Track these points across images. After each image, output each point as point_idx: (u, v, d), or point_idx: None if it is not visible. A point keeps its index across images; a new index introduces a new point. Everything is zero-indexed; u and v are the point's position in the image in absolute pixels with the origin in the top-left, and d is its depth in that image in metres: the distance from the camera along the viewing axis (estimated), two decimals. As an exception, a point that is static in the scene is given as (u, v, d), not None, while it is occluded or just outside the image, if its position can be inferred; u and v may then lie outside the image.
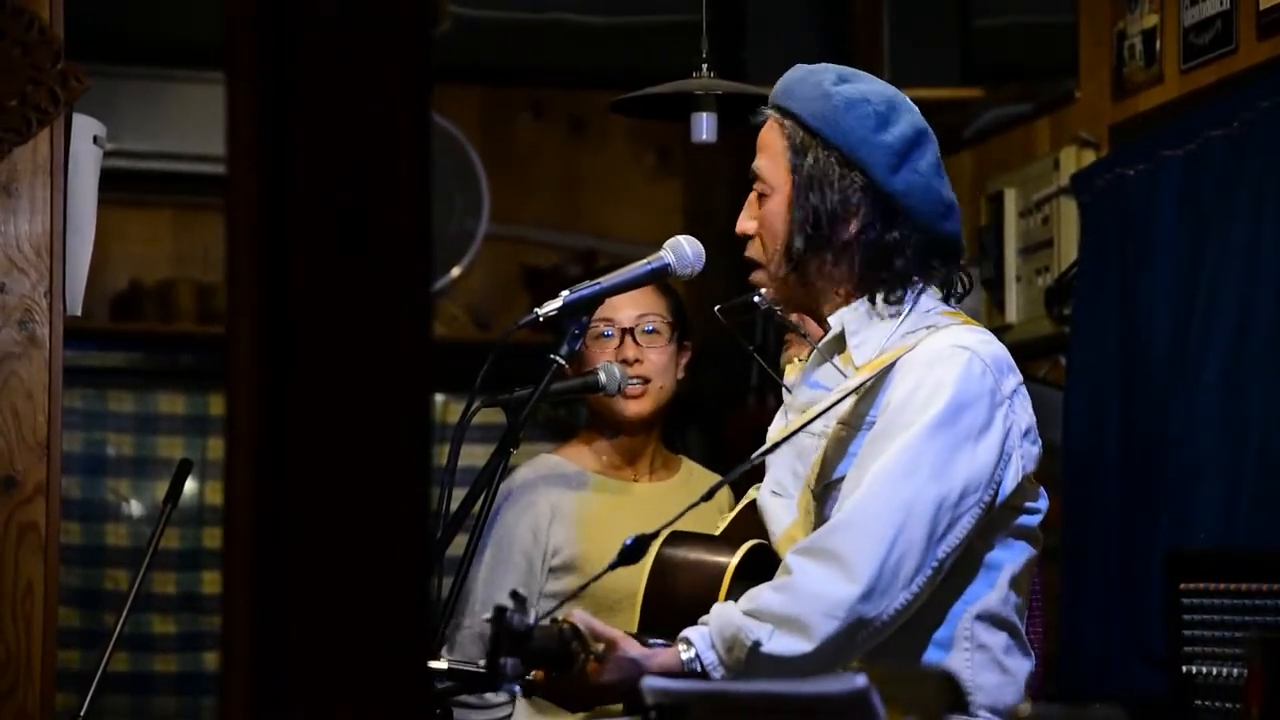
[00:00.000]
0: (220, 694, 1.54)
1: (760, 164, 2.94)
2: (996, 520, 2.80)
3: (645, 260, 3.27)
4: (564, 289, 3.20)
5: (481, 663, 2.60)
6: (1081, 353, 4.46)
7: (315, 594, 1.47)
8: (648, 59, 4.28)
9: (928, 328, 2.84)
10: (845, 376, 2.87)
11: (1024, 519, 2.85)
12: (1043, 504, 2.88)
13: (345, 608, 1.47)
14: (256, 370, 1.49)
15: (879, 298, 2.87)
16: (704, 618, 2.76)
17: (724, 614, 2.73)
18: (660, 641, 2.78)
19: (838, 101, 2.86)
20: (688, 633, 2.74)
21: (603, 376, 3.66)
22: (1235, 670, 3.52)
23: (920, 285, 2.90)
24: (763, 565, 2.89)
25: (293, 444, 1.47)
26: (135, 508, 6.78)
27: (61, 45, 3.30)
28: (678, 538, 3.06)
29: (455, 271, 6.94)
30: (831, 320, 2.90)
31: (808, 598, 2.68)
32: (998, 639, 2.83)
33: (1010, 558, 2.84)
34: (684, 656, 2.73)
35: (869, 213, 2.85)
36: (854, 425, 2.84)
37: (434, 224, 1.53)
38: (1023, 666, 2.86)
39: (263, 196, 1.49)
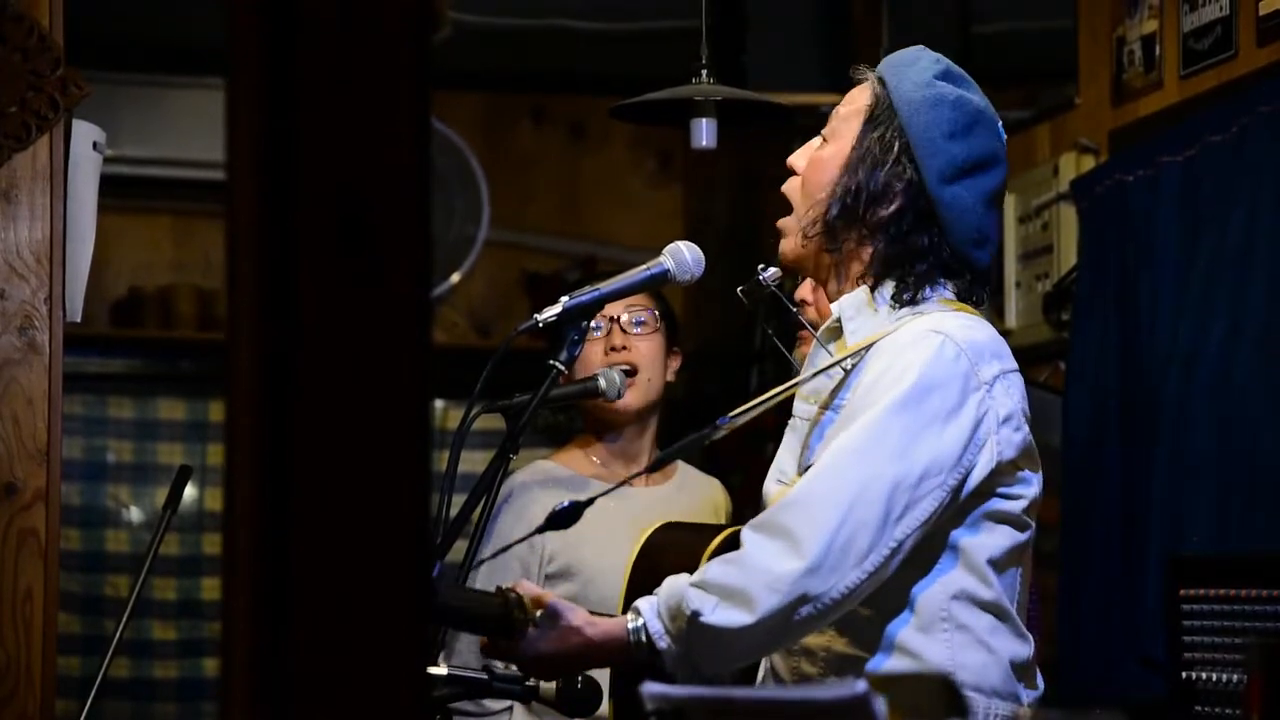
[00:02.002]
0: (220, 700, 1.55)
1: (840, 111, 2.93)
2: (968, 504, 2.77)
3: (644, 266, 3.27)
4: (564, 295, 3.20)
5: (479, 666, 2.61)
6: (1081, 358, 4.46)
7: (314, 600, 1.47)
8: (648, 65, 4.28)
9: (914, 314, 2.83)
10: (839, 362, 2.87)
11: (1000, 504, 2.81)
12: (1025, 489, 2.82)
13: (344, 613, 1.48)
14: (256, 376, 1.49)
15: (886, 292, 2.86)
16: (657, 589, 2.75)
17: (673, 584, 2.72)
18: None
19: (929, 93, 2.85)
20: (639, 602, 2.74)
21: (602, 382, 3.66)
22: (1235, 675, 3.52)
23: (926, 294, 2.88)
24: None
25: (292, 450, 1.47)
26: (135, 514, 6.78)
27: (61, 52, 3.31)
28: (670, 526, 3.06)
29: (455, 277, 6.94)
30: (833, 308, 2.90)
31: (753, 570, 2.66)
32: (980, 620, 2.80)
33: (984, 540, 2.80)
34: (630, 625, 2.72)
35: (905, 207, 2.83)
36: (830, 407, 2.84)
37: (434, 230, 1.53)
38: (1012, 647, 2.82)
39: (263, 203, 1.49)
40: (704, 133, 3.66)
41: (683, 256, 3.26)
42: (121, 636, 3.96)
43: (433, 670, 2.91)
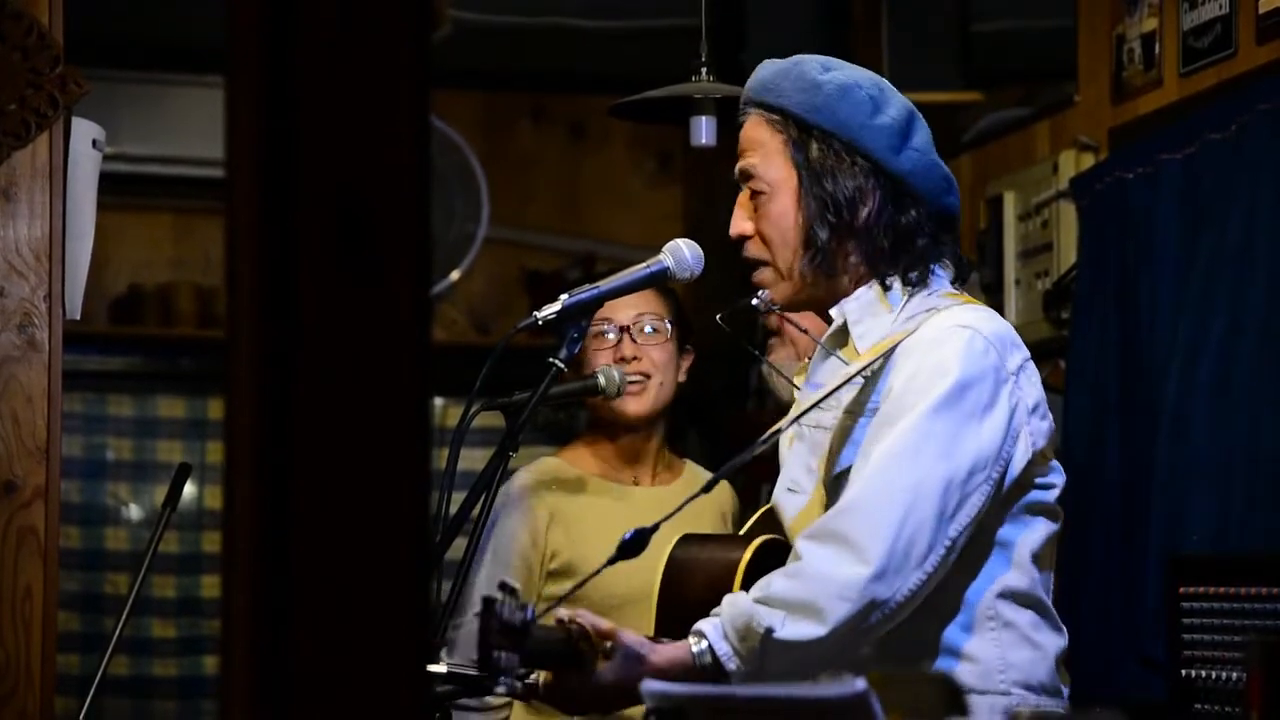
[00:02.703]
0: (220, 698, 1.54)
1: (752, 163, 2.89)
2: (1009, 497, 2.78)
3: (644, 264, 3.27)
4: (563, 293, 3.20)
5: (474, 658, 2.56)
6: (1081, 356, 4.46)
7: (314, 597, 1.47)
8: (647, 63, 4.28)
9: (928, 310, 2.82)
10: (848, 365, 2.85)
11: (1038, 494, 2.83)
12: (1056, 478, 2.85)
13: (345, 611, 1.47)
14: (256, 374, 1.49)
15: (896, 282, 2.85)
16: (716, 609, 2.73)
17: (735, 603, 2.70)
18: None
19: (830, 90, 2.83)
20: (700, 625, 2.71)
21: (602, 380, 3.66)
22: (1235, 674, 3.52)
23: (932, 269, 2.88)
24: (776, 560, 2.88)
25: (292, 448, 1.47)
26: (134, 512, 6.78)
27: (61, 49, 3.30)
28: (689, 540, 3.04)
29: (455, 275, 6.94)
30: (833, 312, 2.88)
31: (818, 581, 2.65)
32: (1024, 616, 2.81)
33: (1027, 534, 2.82)
34: (695, 649, 2.69)
35: (882, 196, 2.83)
36: (857, 413, 2.82)
37: (434, 228, 1.53)
38: (1054, 641, 2.84)
39: (262, 200, 1.49)
40: (703, 131, 3.66)
41: (682, 254, 3.26)
42: (121, 634, 3.96)
43: (433, 667, 2.91)
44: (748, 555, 2.93)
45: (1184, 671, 3.63)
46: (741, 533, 3.08)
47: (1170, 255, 4.18)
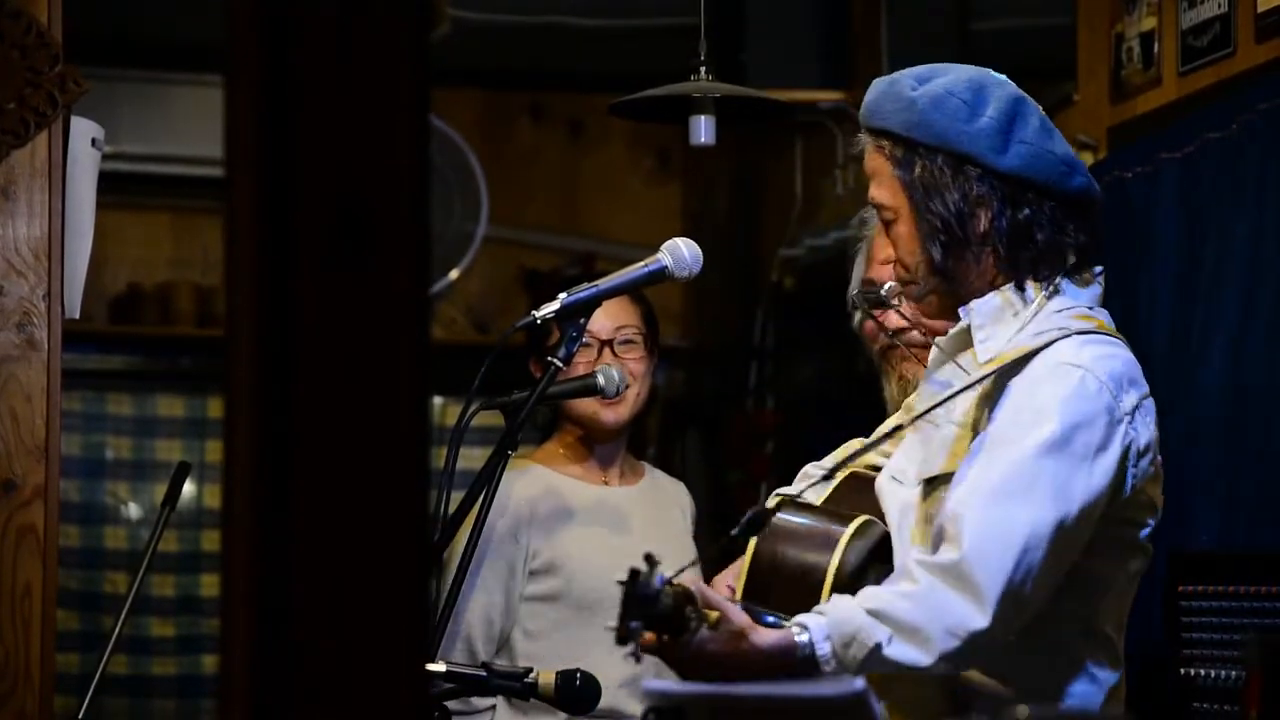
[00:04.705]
0: (219, 697, 1.54)
1: (874, 193, 2.88)
2: (1103, 533, 2.79)
3: (642, 263, 3.27)
4: (562, 292, 3.20)
5: (611, 624, 2.54)
6: (1080, 355, 4.46)
7: (313, 596, 1.47)
8: (646, 62, 4.28)
9: (1059, 329, 2.80)
10: (965, 372, 2.85)
11: (1127, 531, 2.83)
12: (1152, 518, 2.85)
13: (344, 610, 1.47)
14: (255, 373, 1.49)
15: (1027, 283, 2.84)
16: (820, 606, 2.73)
17: (845, 609, 2.69)
18: (772, 617, 2.74)
19: (924, 104, 2.81)
20: (805, 619, 2.70)
21: (601, 379, 3.66)
22: (1234, 672, 3.52)
23: (1060, 273, 2.85)
24: (874, 542, 2.88)
25: (291, 447, 1.47)
26: (134, 510, 6.78)
27: (60, 48, 3.30)
28: (786, 504, 2.99)
29: (454, 274, 6.94)
30: (960, 312, 2.86)
31: (934, 613, 2.68)
32: (1093, 651, 2.83)
33: (1112, 569, 2.83)
34: (799, 639, 2.68)
35: (994, 200, 2.80)
36: (965, 425, 2.82)
37: (433, 227, 1.53)
38: (1111, 678, 2.86)
39: (261, 199, 1.49)
40: (702, 130, 3.65)
41: (680, 253, 3.26)
42: (120, 633, 3.96)
43: (431, 667, 2.91)
44: (849, 531, 2.89)
45: (1183, 669, 3.63)
46: (822, 500, 3.03)
47: (1169, 254, 4.18)
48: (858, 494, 3.00)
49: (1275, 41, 3.98)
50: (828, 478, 3.06)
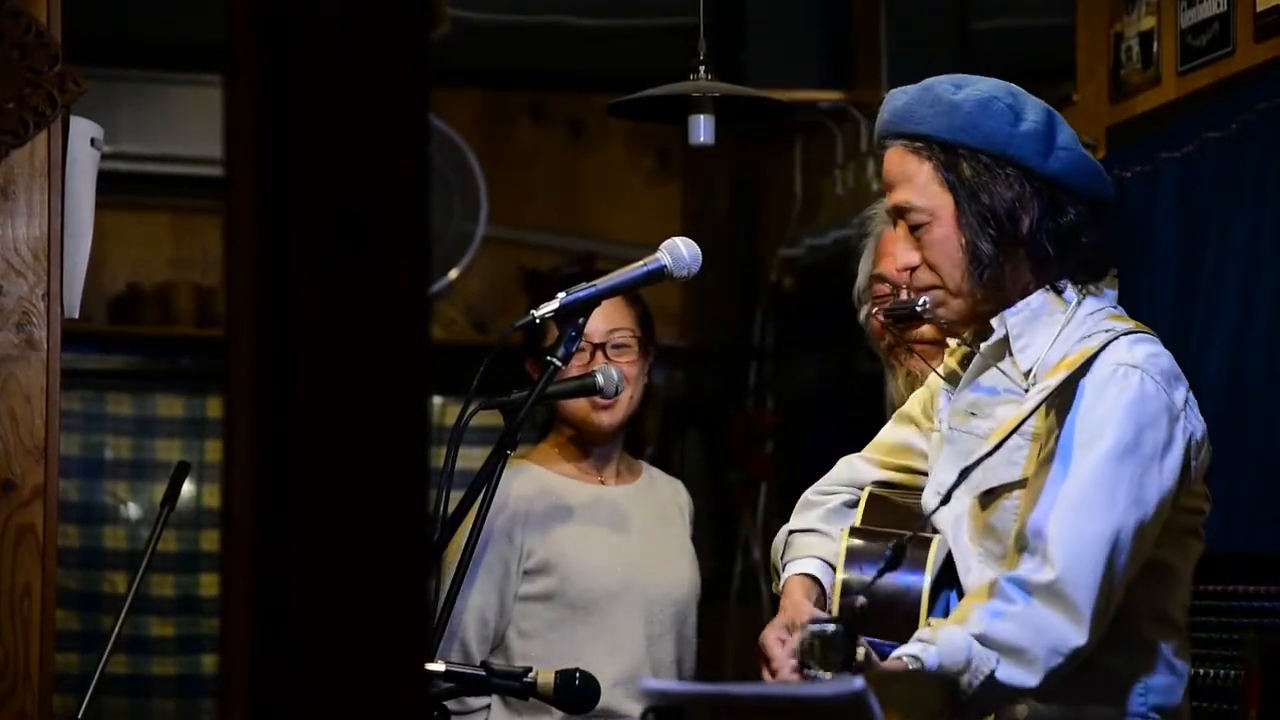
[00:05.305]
0: (219, 697, 1.54)
1: (906, 197, 2.87)
2: (1173, 523, 2.82)
3: (642, 262, 3.27)
4: (562, 291, 3.20)
5: (815, 671, 2.56)
6: (1079, 355, 4.46)
7: (313, 596, 1.47)
8: (646, 61, 4.28)
9: (1106, 331, 2.83)
10: (1010, 379, 2.86)
11: (1189, 519, 2.87)
12: (1206, 504, 2.90)
13: (343, 610, 1.48)
14: (255, 373, 1.49)
15: (1067, 284, 2.86)
16: (921, 633, 2.74)
17: (953, 637, 2.71)
18: (887, 644, 2.74)
19: (969, 108, 2.82)
20: (914, 650, 2.71)
21: (600, 379, 3.66)
22: (1233, 671, 3.52)
23: (1101, 276, 2.89)
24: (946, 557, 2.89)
25: (291, 447, 1.47)
26: (133, 510, 6.78)
27: (59, 48, 3.30)
28: (855, 532, 2.99)
29: (453, 274, 6.94)
30: (994, 323, 2.87)
31: (1037, 633, 2.70)
32: (1167, 639, 2.86)
33: (1179, 557, 2.87)
34: (911, 669, 2.71)
35: (1040, 203, 2.82)
36: (1027, 434, 2.82)
37: (433, 227, 1.53)
38: (1186, 668, 2.90)
39: (261, 199, 1.49)
40: (702, 129, 3.66)
41: (680, 253, 3.26)
42: (120, 633, 3.96)
43: (430, 667, 2.91)
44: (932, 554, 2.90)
45: (1182, 670, 3.62)
46: (856, 524, 3.03)
47: (1169, 254, 4.18)
48: (889, 513, 3.01)
49: (1274, 41, 3.98)
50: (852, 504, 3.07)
